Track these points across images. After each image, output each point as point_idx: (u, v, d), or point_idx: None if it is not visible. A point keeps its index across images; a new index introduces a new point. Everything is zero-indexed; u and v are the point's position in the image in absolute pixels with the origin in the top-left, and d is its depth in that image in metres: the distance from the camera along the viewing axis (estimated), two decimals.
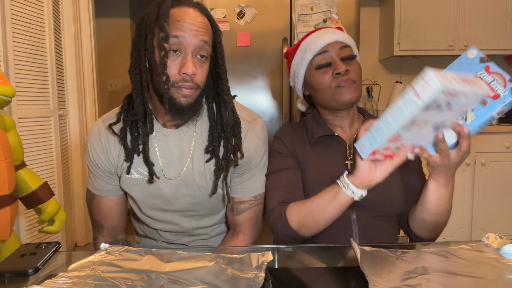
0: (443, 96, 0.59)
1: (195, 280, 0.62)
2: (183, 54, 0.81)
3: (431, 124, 0.67)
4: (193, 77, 0.82)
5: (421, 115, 0.62)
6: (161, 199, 0.95)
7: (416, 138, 0.71)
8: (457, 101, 0.62)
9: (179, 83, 0.81)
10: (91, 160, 0.96)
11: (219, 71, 0.91)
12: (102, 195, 0.98)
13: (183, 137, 0.93)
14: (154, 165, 0.91)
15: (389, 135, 0.66)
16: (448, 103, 0.62)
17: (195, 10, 0.84)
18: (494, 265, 0.66)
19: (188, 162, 0.93)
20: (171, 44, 0.80)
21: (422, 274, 0.63)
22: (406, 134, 0.67)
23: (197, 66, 0.83)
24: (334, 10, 2.09)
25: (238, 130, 0.92)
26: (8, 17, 1.88)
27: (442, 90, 0.57)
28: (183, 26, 0.80)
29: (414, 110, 0.60)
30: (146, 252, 0.73)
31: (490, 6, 2.57)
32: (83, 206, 2.64)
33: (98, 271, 0.65)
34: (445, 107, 0.62)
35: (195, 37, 0.81)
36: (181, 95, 0.82)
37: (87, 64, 2.63)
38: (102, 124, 0.96)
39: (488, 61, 0.72)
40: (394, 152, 0.74)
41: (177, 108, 0.83)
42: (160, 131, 0.92)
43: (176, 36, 0.80)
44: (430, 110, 0.61)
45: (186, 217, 0.98)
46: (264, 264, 0.65)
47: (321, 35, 0.97)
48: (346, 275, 0.67)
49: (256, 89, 2.13)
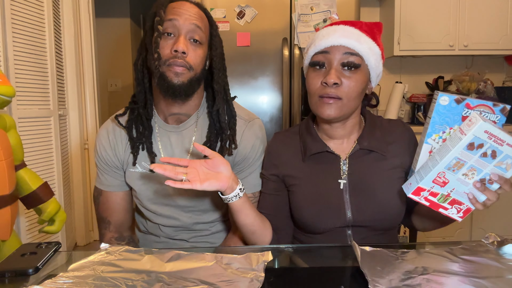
0: (487, 136, 0.66)
1: (195, 280, 0.62)
2: (176, 36, 0.88)
3: (476, 174, 0.71)
4: (185, 56, 0.87)
5: (466, 155, 0.68)
6: (163, 193, 0.99)
7: (463, 189, 0.73)
8: (501, 150, 0.67)
9: (170, 60, 0.86)
10: (100, 156, 1.01)
11: (215, 62, 0.95)
12: (109, 190, 1.02)
13: (184, 133, 0.97)
14: (157, 155, 0.96)
15: (434, 171, 0.71)
16: (493, 151, 0.68)
17: (191, 4, 0.91)
18: (494, 265, 0.66)
19: (189, 157, 0.97)
20: (165, 27, 0.87)
21: (422, 274, 0.63)
22: (452, 179, 0.71)
23: (189, 47, 0.88)
24: (334, 10, 2.10)
25: (234, 123, 0.96)
26: (8, 17, 1.88)
27: (485, 128, 0.66)
28: (177, 11, 0.88)
29: (458, 146, 0.67)
30: (146, 252, 0.73)
31: (490, 6, 2.57)
32: (83, 206, 2.64)
33: (98, 271, 0.65)
34: (490, 153, 0.68)
35: (188, 20, 0.87)
36: (172, 72, 0.86)
37: (87, 64, 2.63)
38: (110, 123, 1.01)
39: (464, 99, 0.73)
40: (440, 203, 0.76)
41: (169, 87, 0.87)
42: (163, 126, 0.97)
43: (170, 19, 0.87)
44: (475, 151, 0.68)
45: (187, 212, 1.01)
46: (264, 264, 0.65)
47: (331, 33, 0.87)
48: (346, 275, 0.67)
49: (256, 89, 2.13)
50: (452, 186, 0.73)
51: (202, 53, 0.91)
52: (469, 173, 0.70)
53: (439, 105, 0.74)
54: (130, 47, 3.64)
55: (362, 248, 0.71)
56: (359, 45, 0.85)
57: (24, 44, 2.00)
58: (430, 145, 0.76)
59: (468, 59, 2.91)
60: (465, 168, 0.70)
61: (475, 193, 0.74)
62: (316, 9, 2.10)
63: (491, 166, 0.70)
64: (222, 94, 0.95)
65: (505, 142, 0.67)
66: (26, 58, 2.01)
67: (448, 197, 0.74)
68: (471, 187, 0.72)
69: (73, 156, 2.56)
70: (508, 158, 0.69)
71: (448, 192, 0.74)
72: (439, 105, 0.74)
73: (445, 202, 0.75)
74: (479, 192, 0.73)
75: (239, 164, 0.98)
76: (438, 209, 0.76)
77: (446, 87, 2.76)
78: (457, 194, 0.74)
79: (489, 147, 0.68)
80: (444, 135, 0.75)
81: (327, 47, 0.86)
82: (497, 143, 0.67)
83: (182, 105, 0.94)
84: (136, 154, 0.95)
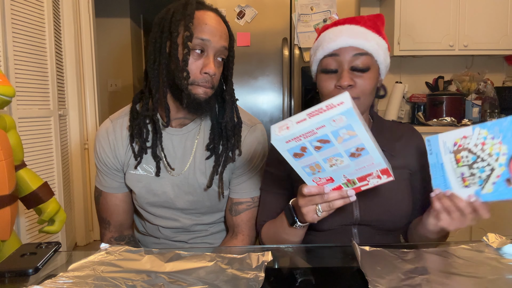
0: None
1: (195, 280, 0.62)
2: (206, 55, 0.86)
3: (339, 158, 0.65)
4: (213, 77, 0.87)
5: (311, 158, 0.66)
6: (163, 197, 0.98)
7: (347, 172, 0.68)
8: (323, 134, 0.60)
9: (199, 82, 0.86)
10: (99, 158, 0.99)
11: (227, 74, 0.95)
12: (108, 192, 1.01)
13: (187, 136, 0.96)
14: (161, 159, 0.95)
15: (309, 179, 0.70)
16: (320, 140, 0.61)
17: (216, 16, 0.89)
18: (494, 265, 0.66)
19: (191, 160, 0.96)
20: (195, 44, 0.85)
21: (422, 274, 0.63)
22: (331, 174, 0.68)
23: (216, 68, 0.88)
24: (334, 10, 2.10)
25: (239, 130, 0.95)
26: (8, 17, 1.88)
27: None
28: (210, 30, 0.86)
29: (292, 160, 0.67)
30: (146, 252, 0.73)
31: (490, 6, 2.57)
32: (83, 206, 2.64)
33: (98, 271, 0.65)
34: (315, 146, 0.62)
35: (219, 42, 0.87)
36: (200, 92, 0.87)
37: (87, 64, 2.63)
38: (110, 123, 0.99)
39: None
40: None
41: (195, 104, 0.87)
42: (165, 129, 0.96)
43: (203, 38, 0.85)
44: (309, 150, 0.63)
45: (186, 214, 1.01)
46: (264, 264, 0.65)
47: (338, 34, 0.86)
48: (346, 275, 0.67)
49: (256, 89, 2.13)
50: (338, 176, 0.68)
51: (220, 70, 0.92)
52: (333, 160, 0.64)
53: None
54: (130, 47, 3.64)
55: (362, 248, 0.71)
56: (367, 43, 0.85)
57: (24, 44, 2.00)
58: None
59: (468, 59, 2.91)
60: (323, 163, 0.65)
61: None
62: (316, 9, 2.10)
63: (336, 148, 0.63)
64: (231, 104, 0.95)
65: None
66: (26, 58, 2.01)
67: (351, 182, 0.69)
68: (349, 164, 0.65)
69: (73, 156, 2.56)
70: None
71: (347, 179, 0.69)
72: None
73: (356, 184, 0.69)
74: None
75: (239, 168, 0.98)
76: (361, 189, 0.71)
77: (446, 87, 2.77)
78: (354, 174, 0.68)
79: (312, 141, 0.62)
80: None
81: (336, 50, 0.86)
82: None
83: (205, 112, 0.94)
84: (140, 159, 0.94)
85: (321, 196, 0.69)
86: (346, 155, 0.64)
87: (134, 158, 0.94)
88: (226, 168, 0.96)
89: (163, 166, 0.95)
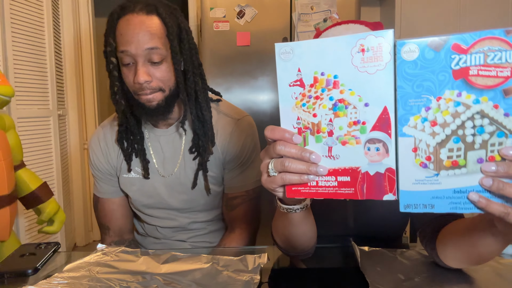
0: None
1: (190, 282, 0.62)
2: (134, 64, 0.83)
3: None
4: (150, 83, 0.83)
5: None
6: (157, 198, 0.98)
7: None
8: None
9: (137, 91, 0.84)
10: (93, 165, 1.01)
11: (188, 67, 0.87)
12: (105, 197, 1.02)
13: (174, 136, 0.96)
14: (150, 162, 0.96)
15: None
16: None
17: (138, 15, 0.81)
18: (493, 265, 0.66)
19: (180, 160, 0.96)
20: (121, 57, 0.82)
21: (422, 274, 0.63)
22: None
23: (151, 72, 0.83)
24: (334, 10, 2.09)
25: (207, 127, 0.93)
26: (8, 17, 1.88)
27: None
28: (125, 40, 0.81)
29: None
30: (142, 253, 0.73)
31: (490, 6, 2.57)
32: (82, 206, 2.64)
33: (94, 272, 0.65)
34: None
35: (139, 48, 0.80)
36: (144, 100, 0.84)
37: (87, 64, 2.63)
38: (101, 130, 1.01)
39: (446, 40, 0.41)
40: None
41: (147, 112, 0.86)
42: (152, 131, 0.97)
43: (122, 51, 0.81)
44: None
45: (183, 213, 1.01)
46: (260, 267, 0.65)
47: (344, 32, 0.82)
48: (346, 275, 0.67)
49: (256, 89, 2.13)
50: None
51: (166, 68, 0.84)
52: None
53: (404, 62, 0.42)
54: None
55: (362, 248, 0.71)
56: None
57: (24, 44, 2.00)
58: (411, 137, 0.43)
59: None
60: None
61: None
62: (317, 8, 2.10)
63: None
64: (193, 98, 0.90)
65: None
66: (25, 58, 2.01)
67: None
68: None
69: (73, 156, 2.56)
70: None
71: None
72: (404, 63, 0.42)
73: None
74: None
75: (230, 163, 0.98)
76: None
77: None
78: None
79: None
80: (432, 115, 0.42)
81: None
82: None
83: (166, 115, 0.92)
84: (130, 162, 0.96)
85: (274, 145, 0.50)
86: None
87: (126, 162, 0.96)
88: (215, 164, 0.96)
89: (153, 167, 0.96)
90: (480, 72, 0.40)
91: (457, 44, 0.41)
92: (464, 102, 0.41)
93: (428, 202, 0.44)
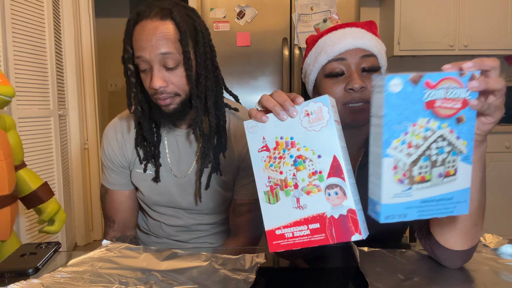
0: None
1: (186, 280, 0.63)
2: (150, 70, 0.84)
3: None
4: (165, 88, 0.83)
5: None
6: (167, 196, 0.99)
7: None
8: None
9: (153, 96, 0.85)
10: (106, 155, 1.00)
11: (200, 72, 0.86)
12: (114, 189, 1.02)
13: (192, 137, 0.97)
14: (161, 165, 0.95)
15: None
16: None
17: (153, 21, 0.82)
18: (492, 265, 0.66)
19: (195, 161, 0.96)
20: (138, 63, 0.84)
21: (422, 274, 0.63)
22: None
23: (167, 77, 0.83)
24: (334, 10, 2.10)
25: (222, 129, 0.92)
26: (8, 17, 1.88)
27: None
28: (140, 45, 0.82)
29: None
30: (145, 249, 0.74)
31: (490, 6, 2.57)
32: (83, 206, 2.64)
33: (96, 267, 0.67)
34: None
35: (153, 53, 0.81)
36: (161, 104, 0.86)
37: (87, 64, 2.63)
38: (118, 122, 1.00)
39: (421, 76, 0.49)
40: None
41: (164, 115, 0.88)
42: (171, 130, 0.97)
43: (138, 56, 0.83)
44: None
45: (190, 214, 1.02)
46: (257, 266, 0.66)
47: (342, 37, 0.83)
48: (346, 275, 0.67)
49: (256, 89, 2.13)
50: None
51: (182, 73, 0.84)
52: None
53: (390, 94, 0.49)
54: None
55: (361, 249, 0.71)
56: (372, 45, 0.83)
57: (24, 44, 2.00)
58: (392, 157, 0.50)
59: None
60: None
61: None
62: (316, 9, 2.10)
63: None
64: (203, 103, 0.88)
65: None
66: (26, 58, 2.01)
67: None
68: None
69: (73, 156, 2.56)
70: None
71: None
72: (390, 95, 0.49)
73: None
74: None
75: (244, 170, 0.97)
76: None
77: None
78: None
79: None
80: (408, 138, 0.50)
81: (342, 53, 0.82)
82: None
83: (183, 118, 0.92)
84: (147, 163, 0.96)
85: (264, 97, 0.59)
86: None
87: (140, 162, 0.96)
88: (229, 169, 0.96)
89: (167, 166, 0.97)
90: (442, 104, 0.49)
91: (428, 81, 0.49)
92: (431, 127, 0.49)
93: (402, 212, 0.51)
